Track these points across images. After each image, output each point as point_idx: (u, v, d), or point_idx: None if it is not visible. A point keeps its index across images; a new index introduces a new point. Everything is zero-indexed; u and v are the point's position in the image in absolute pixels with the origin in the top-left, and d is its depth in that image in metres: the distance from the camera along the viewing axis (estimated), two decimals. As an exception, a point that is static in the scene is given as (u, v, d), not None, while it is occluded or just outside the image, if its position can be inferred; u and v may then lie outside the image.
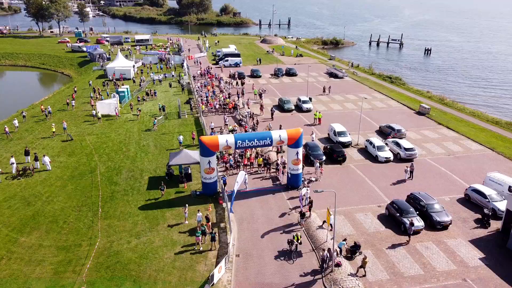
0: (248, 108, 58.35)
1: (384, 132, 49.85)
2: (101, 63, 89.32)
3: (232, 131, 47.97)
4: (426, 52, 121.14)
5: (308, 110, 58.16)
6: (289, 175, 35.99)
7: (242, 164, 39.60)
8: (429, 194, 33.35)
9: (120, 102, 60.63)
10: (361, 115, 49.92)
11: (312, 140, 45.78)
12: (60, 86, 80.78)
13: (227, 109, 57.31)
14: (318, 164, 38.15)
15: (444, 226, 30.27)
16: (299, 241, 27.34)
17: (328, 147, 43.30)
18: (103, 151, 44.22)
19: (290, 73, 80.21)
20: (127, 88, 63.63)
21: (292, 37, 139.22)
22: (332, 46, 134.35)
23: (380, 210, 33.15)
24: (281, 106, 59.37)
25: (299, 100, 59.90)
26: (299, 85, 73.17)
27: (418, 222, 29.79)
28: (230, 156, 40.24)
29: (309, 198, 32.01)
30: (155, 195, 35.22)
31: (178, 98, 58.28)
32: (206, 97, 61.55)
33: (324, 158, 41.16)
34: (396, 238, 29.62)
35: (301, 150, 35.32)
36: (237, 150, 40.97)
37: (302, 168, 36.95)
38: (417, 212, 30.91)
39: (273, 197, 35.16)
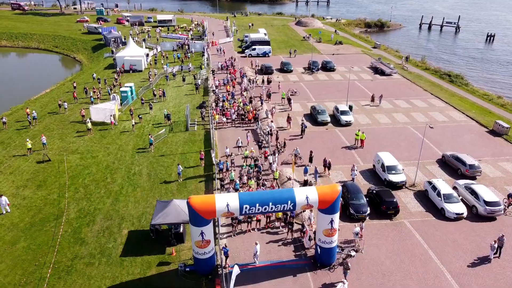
0: (272, 118, 47.04)
1: (450, 166, 37.48)
2: (113, 48, 79.80)
3: (249, 159, 37.20)
4: (489, 39, 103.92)
5: (348, 124, 46.21)
6: (319, 249, 25.01)
7: (254, 219, 28.90)
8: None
9: (121, 104, 50.99)
10: (423, 141, 37.64)
11: (352, 179, 34.26)
12: (67, 75, 72.07)
13: (246, 120, 46.30)
14: (358, 229, 26.96)
15: None
16: None
17: (374, 191, 31.69)
18: (82, 182, 34.69)
19: (327, 68, 67.58)
20: (131, 87, 53.63)
21: (331, 18, 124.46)
22: (377, 29, 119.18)
23: (456, 322, 21.84)
24: (314, 117, 47.66)
25: (337, 109, 47.89)
26: (338, 84, 60.70)
27: None
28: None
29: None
30: (130, 267, 25.36)
31: (187, 104, 47.71)
32: (223, 101, 50.64)
33: (368, 211, 29.83)
34: None
35: (337, 217, 24.16)
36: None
37: (338, 230, 25.91)
38: None
39: (293, 280, 24.44)
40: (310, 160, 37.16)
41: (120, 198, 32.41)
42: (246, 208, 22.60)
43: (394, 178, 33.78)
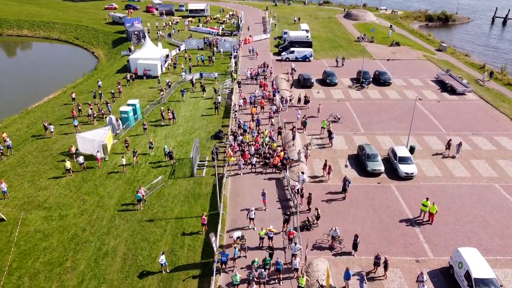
0: (306, 161, 35.54)
1: None
2: (132, 45, 70.24)
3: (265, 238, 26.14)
4: None
5: (409, 177, 33.81)
6: None
7: None
8: None
9: (122, 125, 41.14)
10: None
11: (421, 302, 22.42)
12: (78, 76, 63.31)
13: (271, 164, 34.97)
14: None
15: None
16: None
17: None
18: (32, 265, 25.10)
19: (380, 81, 54.33)
20: (134, 105, 43.51)
21: (385, 10, 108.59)
22: (440, 24, 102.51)
23: None
24: (362, 163, 35.51)
25: (394, 154, 35.40)
26: (394, 107, 47.70)
27: None
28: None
29: None
30: None
31: (196, 139, 36.88)
32: (244, 130, 39.49)
33: None
34: None
35: None
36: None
37: None
38: None
39: None
40: (355, 247, 25.62)
41: (74, 303, 22.54)
42: None
43: (487, 302, 21.60)
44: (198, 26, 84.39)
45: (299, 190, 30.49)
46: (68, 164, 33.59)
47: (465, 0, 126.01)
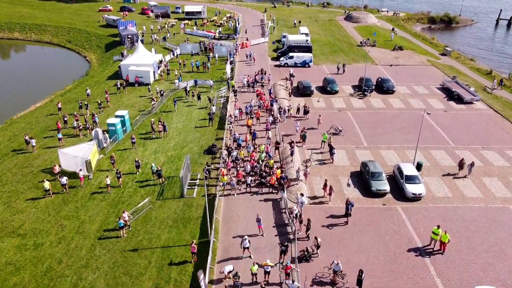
0: (305, 180, 32.95)
1: None
2: (125, 50, 67.61)
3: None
4: None
5: (417, 198, 31.18)
6: None
7: None
8: None
9: (109, 138, 38.54)
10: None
11: None
12: (68, 82, 60.58)
13: (267, 183, 32.37)
14: None
15: None
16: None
17: None
18: (0, 304, 22.64)
19: (383, 88, 51.69)
20: (123, 116, 40.84)
21: (387, 11, 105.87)
22: (443, 26, 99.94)
23: None
24: (366, 181, 32.90)
25: (400, 172, 32.81)
26: (398, 117, 45.13)
27: None
28: None
29: None
30: None
31: (187, 155, 34.30)
32: (238, 145, 36.92)
33: None
34: None
35: None
36: None
37: None
38: None
39: None
40: (359, 283, 23.05)
41: None
42: None
43: None
44: (193, 29, 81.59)
45: (298, 215, 27.90)
46: (47, 184, 30.97)
47: (469, 1, 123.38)
